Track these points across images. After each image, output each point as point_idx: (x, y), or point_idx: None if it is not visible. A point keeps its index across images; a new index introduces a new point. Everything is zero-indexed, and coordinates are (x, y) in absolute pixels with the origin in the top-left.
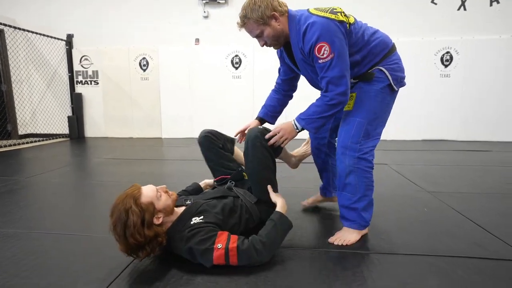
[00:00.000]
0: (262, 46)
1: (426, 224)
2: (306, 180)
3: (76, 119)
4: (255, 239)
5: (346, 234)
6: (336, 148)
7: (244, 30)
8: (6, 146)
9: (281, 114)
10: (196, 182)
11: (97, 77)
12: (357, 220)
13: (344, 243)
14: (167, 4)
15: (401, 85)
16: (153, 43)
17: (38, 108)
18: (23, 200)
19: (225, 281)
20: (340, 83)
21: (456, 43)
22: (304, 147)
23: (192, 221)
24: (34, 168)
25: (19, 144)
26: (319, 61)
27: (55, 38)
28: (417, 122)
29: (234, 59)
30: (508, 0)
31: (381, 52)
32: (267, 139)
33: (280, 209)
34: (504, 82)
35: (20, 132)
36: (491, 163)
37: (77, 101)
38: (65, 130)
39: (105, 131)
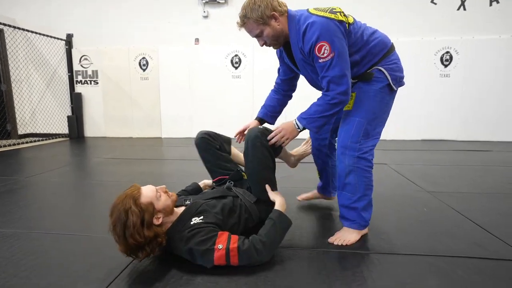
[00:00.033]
0: (262, 46)
1: (426, 224)
2: (305, 180)
3: (76, 119)
4: (255, 239)
5: (346, 234)
6: (336, 148)
7: (244, 30)
8: (6, 146)
9: (281, 114)
10: (196, 182)
11: (97, 77)
12: (357, 220)
13: (344, 243)
14: (167, 4)
15: (400, 85)
16: (153, 43)
17: (38, 108)
18: (23, 200)
19: (225, 281)
20: (341, 82)
21: (456, 43)
22: (304, 147)
23: (192, 221)
24: (34, 168)
25: (19, 144)
26: (320, 61)
27: (55, 38)
28: (417, 122)
29: (234, 59)
30: (508, 0)
31: (380, 52)
32: (267, 139)
33: (279, 207)
34: (504, 82)
35: (20, 132)
36: (491, 163)
37: (77, 101)
38: (65, 130)
39: (105, 131)
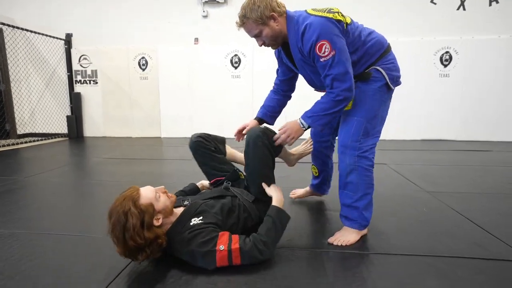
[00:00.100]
0: (260, 46)
1: (426, 224)
2: (304, 180)
3: (75, 119)
4: (257, 239)
5: (346, 235)
6: (337, 148)
7: (243, 30)
8: (5, 146)
9: (281, 115)
10: (193, 183)
11: (96, 77)
12: (358, 220)
13: (344, 244)
14: (167, 4)
15: (397, 84)
16: (153, 43)
17: (37, 108)
18: (22, 200)
19: (224, 282)
20: (345, 79)
21: (456, 43)
22: (303, 146)
23: (192, 222)
24: (33, 168)
25: (18, 144)
26: (321, 60)
27: (54, 38)
28: (417, 122)
29: (234, 59)
30: (507, 0)
31: (377, 52)
32: (268, 138)
33: (276, 203)
34: (504, 82)
35: (19, 132)
36: (491, 163)
37: (76, 101)
38: (64, 130)
39: (104, 131)
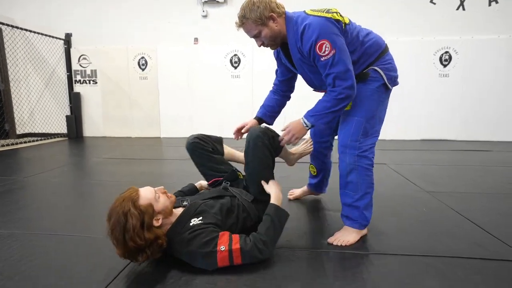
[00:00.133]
0: (260, 46)
1: (426, 224)
2: (304, 180)
3: (75, 119)
4: (257, 239)
5: (346, 235)
6: (337, 148)
7: (242, 30)
8: (4, 146)
9: (280, 115)
10: (192, 183)
11: (96, 77)
12: (358, 220)
13: (344, 244)
14: (166, 4)
15: (395, 84)
16: (152, 43)
17: (36, 108)
18: (21, 200)
19: (224, 282)
20: (347, 77)
21: (455, 43)
22: (303, 146)
23: (192, 223)
24: (32, 168)
25: (17, 144)
26: (322, 59)
27: (54, 37)
28: (417, 122)
29: (233, 59)
30: (507, 0)
31: (375, 53)
32: (269, 139)
33: (274, 201)
34: (504, 82)
35: (18, 132)
36: (492, 163)
37: (76, 101)
38: (64, 130)
39: (104, 131)
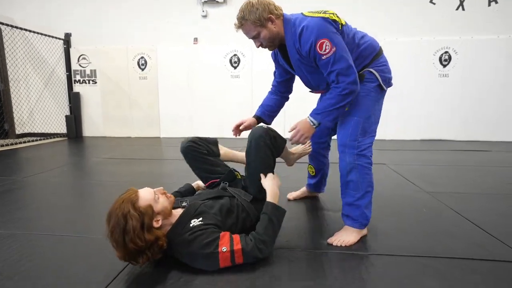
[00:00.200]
0: (258, 47)
1: (425, 225)
2: (303, 180)
3: (74, 119)
4: (257, 239)
5: (346, 235)
6: (337, 147)
7: (241, 31)
8: (3, 146)
9: (282, 115)
10: (189, 183)
11: (95, 76)
12: (359, 219)
13: (344, 244)
14: (166, 4)
15: (389, 86)
16: (152, 43)
17: (36, 107)
18: (21, 200)
19: (223, 283)
20: (349, 73)
21: (455, 43)
22: (303, 146)
23: (192, 224)
24: (32, 168)
25: (17, 144)
26: (323, 58)
27: (53, 37)
28: (417, 122)
29: (233, 59)
30: (507, 0)
31: (370, 55)
32: (270, 138)
33: (271, 198)
34: (503, 82)
35: (18, 132)
36: (491, 163)
37: (75, 100)
38: (63, 130)
39: (103, 131)
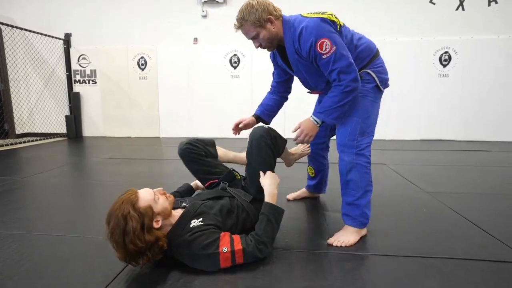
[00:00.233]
0: (257, 48)
1: (425, 225)
2: (303, 180)
3: (74, 119)
4: (256, 240)
5: (346, 235)
6: (336, 147)
7: (240, 32)
8: (3, 146)
9: (283, 115)
10: (187, 183)
11: (95, 76)
12: (359, 218)
13: (344, 244)
14: (166, 4)
15: (386, 86)
16: (152, 43)
17: (36, 107)
18: (21, 200)
19: (223, 283)
20: (350, 71)
21: (455, 43)
22: (302, 147)
23: (192, 224)
24: (32, 168)
25: (16, 144)
26: (323, 57)
27: (53, 37)
28: (417, 122)
29: (233, 59)
30: (507, 0)
31: (367, 57)
32: (271, 138)
33: (269, 198)
34: (503, 82)
35: (18, 132)
36: (491, 163)
37: (75, 100)
38: (63, 130)
39: (103, 131)
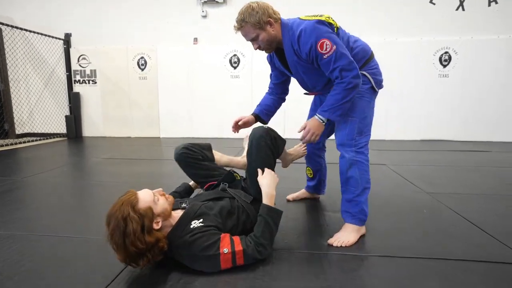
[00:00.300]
0: (256, 50)
1: (425, 226)
2: (302, 180)
3: (74, 119)
4: (255, 242)
5: (346, 235)
6: (336, 147)
7: (240, 33)
8: (3, 146)
9: (280, 112)
10: (186, 183)
11: (95, 76)
12: (358, 215)
13: (344, 244)
14: (166, 4)
15: (380, 87)
16: (152, 43)
17: (36, 107)
18: (21, 200)
19: (223, 284)
20: (352, 68)
21: (455, 43)
22: (299, 148)
23: (192, 225)
24: (32, 168)
25: (16, 144)
26: (324, 57)
27: (53, 37)
28: (417, 122)
29: (233, 59)
30: (507, 0)
31: (362, 59)
32: (271, 139)
33: (266, 200)
34: (503, 82)
35: (18, 132)
36: (491, 164)
37: (75, 100)
38: (63, 130)
39: (103, 131)
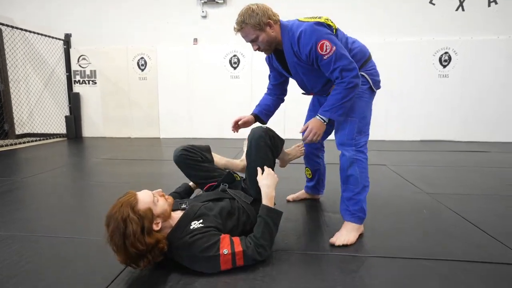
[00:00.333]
0: (255, 51)
1: (425, 226)
2: (302, 181)
3: (74, 119)
4: (255, 243)
5: (346, 234)
6: (336, 147)
7: (239, 34)
8: (3, 146)
9: (280, 112)
10: (186, 183)
11: (95, 77)
12: (358, 213)
13: (345, 243)
14: (166, 4)
15: (378, 88)
16: (152, 43)
17: (36, 108)
18: (21, 201)
19: (222, 285)
20: (352, 68)
21: (455, 44)
22: (297, 148)
23: (192, 226)
24: (32, 168)
25: (16, 144)
26: (325, 58)
27: (53, 38)
28: (417, 122)
29: (233, 59)
30: (507, 1)
31: (361, 60)
32: (270, 139)
33: (266, 201)
34: (503, 83)
35: (17, 132)
36: (491, 164)
37: (75, 101)
38: (63, 130)
39: (103, 131)
